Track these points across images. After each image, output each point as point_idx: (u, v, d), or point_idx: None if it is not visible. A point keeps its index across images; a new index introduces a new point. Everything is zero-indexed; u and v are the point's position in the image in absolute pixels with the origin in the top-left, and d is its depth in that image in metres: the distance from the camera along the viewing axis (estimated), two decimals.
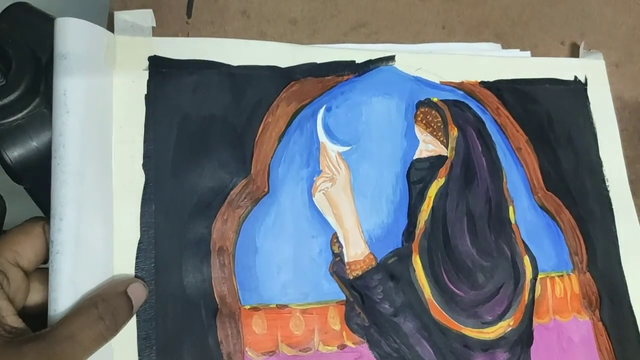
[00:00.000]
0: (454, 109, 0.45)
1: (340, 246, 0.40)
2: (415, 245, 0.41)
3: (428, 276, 0.40)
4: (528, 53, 0.50)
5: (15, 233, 0.32)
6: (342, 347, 0.38)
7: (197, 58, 0.39)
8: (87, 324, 0.30)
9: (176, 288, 0.36)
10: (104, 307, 0.31)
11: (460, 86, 0.46)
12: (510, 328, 0.41)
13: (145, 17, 0.40)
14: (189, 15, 0.44)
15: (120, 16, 0.39)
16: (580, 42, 0.51)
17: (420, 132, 0.43)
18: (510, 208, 0.44)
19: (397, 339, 0.39)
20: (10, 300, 0.30)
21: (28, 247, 0.32)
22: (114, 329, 0.31)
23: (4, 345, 0.28)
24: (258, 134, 0.40)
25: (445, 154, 0.43)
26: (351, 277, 0.39)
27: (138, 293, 0.34)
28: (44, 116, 0.35)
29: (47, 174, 0.33)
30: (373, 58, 0.44)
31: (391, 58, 0.44)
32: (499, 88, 0.46)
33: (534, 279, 0.43)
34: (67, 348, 0.29)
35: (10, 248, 0.31)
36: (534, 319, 0.42)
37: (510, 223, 0.44)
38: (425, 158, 0.43)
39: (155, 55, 0.38)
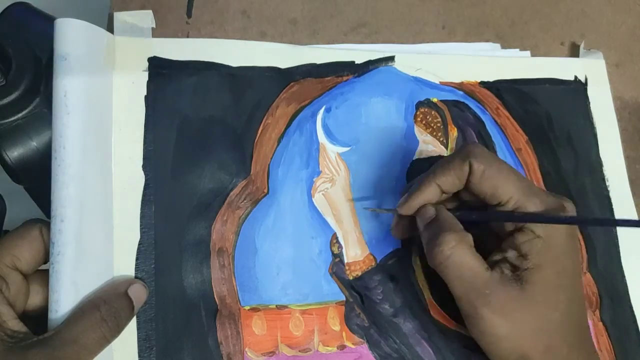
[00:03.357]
0: (453, 109, 0.45)
1: (340, 247, 0.40)
2: (415, 246, 0.41)
3: (428, 277, 0.40)
4: (528, 53, 0.50)
5: (13, 237, 0.32)
6: (342, 347, 0.38)
7: (197, 59, 0.39)
8: (90, 326, 0.30)
9: (176, 289, 0.36)
10: (106, 309, 0.31)
11: (460, 86, 0.45)
12: None
13: (145, 18, 0.40)
14: (189, 15, 0.44)
15: (120, 17, 0.39)
16: (580, 42, 0.51)
17: (419, 133, 0.43)
18: None
19: (397, 339, 0.39)
20: (10, 305, 0.30)
21: (26, 250, 0.32)
22: (117, 330, 0.31)
23: (7, 351, 0.28)
24: (258, 135, 0.40)
25: (445, 155, 0.43)
26: (351, 278, 0.39)
27: (139, 294, 0.34)
28: (44, 116, 0.35)
29: (47, 174, 0.33)
30: (373, 58, 0.44)
31: (391, 58, 0.44)
32: (499, 88, 0.46)
33: None
34: (72, 352, 0.29)
35: (8, 252, 0.31)
36: None
37: None
38: (425, 158, 0.43)
39: (154, 57, 0.38)
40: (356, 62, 0.43)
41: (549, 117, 0.47)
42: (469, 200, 0.36)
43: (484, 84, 0.46)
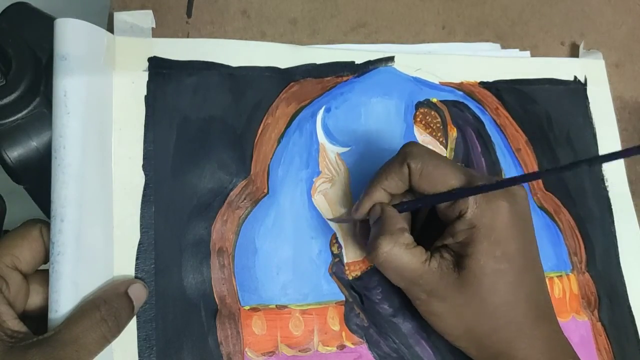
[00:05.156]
0: (453, 109, 0.45)
1: (340, 247, 0.40)
2: None
3: None
4: (528, 53, 0.50)
5: (13, 237, 0.32)
6: (342, 347, 0.38)
7: (197, 59, 0.39)
8: (90, 326, 0.30)
9: (176, 289, 0.36)
10: (106, 309, 0.31)
11: (459, 87, 0.46)
12: None
13: (145, 17, 0.40)
14: (189, 15, 0.44)
15: (120, 17, 0.39)
16: (580, 42, 0.51)
17: (419, 133, 0.43)
18: None
19: (396, 339, 0.39)
20: (10, 305, 0.30)
21: (26, 250, 0.32)
22: (117, 330, 0.31)
23: (7, 351, 0.28)
24: (258, 135, 0.40)
25: (445, 155, 0.43)
26: (350, 278, 0.39)
27: (139, 294, 0.34)
28: (44, 116, 0.35)
29: (47, 174, 0.33)
30: (372, 59, 0.44)
31: (390, 59, 0.44)
32: (499, 88, 0.46)
33: None
34: (72, 352, 0.29)
35: (8, 252, 0.31)
36: None
37: None
38: None
39: (154, 57, 0.38)
40: (356, 62, 0.43)
41: (549, 117, 0.47)
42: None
43: (483, 84, 0.46)
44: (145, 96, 0.38)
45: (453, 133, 0.44)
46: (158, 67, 0.38)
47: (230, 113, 0.39)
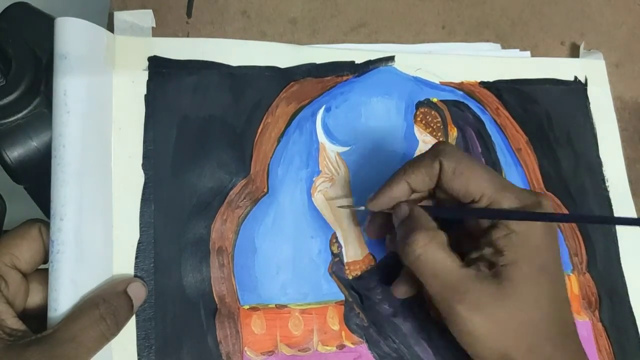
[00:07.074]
0: (453, 109, 0.45)
1: (340, 246, 0.40)
2: None
3: None
4: (528, 53, 0.50)
5: (12, 236, 0.32)
6: (341, 347, 0.38)
7: (197, 58, 0.39)
8: (88, 324, 0.30)
9: (175, 288, 0.36)
10: (105, 308, 0.31)
11: (459, 86, 0.46)
12: None
13: (145, 17, 0.40)
14: (189, 15, 0.44)
15: (120, 16, 0.40)
16: (580, 42, 0.51)
17: (419, 133, 0.43)
18: None
19: (396, 339, 0.39)
20: (9, 303, 0.30)
21: (25, 250, 0.32)
22: (115, 329, 0.31)
23: (6, 349, 0.28)
24: (257, 134, 0.40)
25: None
26: (350, 278, 0.39)
27: (138, 293, 0.34)
28: (44, 116, 0.35)
29: (47, 174, 0.33)
30: (373, 58, 0.44)
31: (391, 58, 0.44)
32: (499, 88, 0.46)
33: None
34: (70, 350, 0.29)
35: (7, 251, 0.31)
36: None
37: None
38: None
39: (154, 56, 0.39)
40: (356, 62, 0.43)
41: (549, 117, 0.47)
42: (444, 199, 0.36)
43: (484, 84, 0.46)
44: (145, 95, 0.38)
45: (453, 133, 0.44)
46: (158, 67, 0.38)
47: (230, 112, 0.39)
